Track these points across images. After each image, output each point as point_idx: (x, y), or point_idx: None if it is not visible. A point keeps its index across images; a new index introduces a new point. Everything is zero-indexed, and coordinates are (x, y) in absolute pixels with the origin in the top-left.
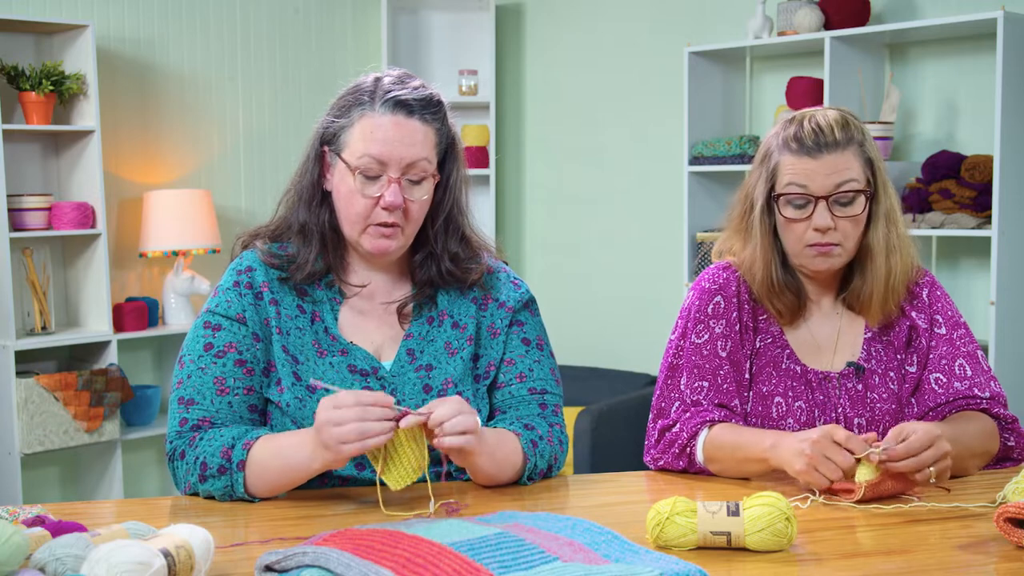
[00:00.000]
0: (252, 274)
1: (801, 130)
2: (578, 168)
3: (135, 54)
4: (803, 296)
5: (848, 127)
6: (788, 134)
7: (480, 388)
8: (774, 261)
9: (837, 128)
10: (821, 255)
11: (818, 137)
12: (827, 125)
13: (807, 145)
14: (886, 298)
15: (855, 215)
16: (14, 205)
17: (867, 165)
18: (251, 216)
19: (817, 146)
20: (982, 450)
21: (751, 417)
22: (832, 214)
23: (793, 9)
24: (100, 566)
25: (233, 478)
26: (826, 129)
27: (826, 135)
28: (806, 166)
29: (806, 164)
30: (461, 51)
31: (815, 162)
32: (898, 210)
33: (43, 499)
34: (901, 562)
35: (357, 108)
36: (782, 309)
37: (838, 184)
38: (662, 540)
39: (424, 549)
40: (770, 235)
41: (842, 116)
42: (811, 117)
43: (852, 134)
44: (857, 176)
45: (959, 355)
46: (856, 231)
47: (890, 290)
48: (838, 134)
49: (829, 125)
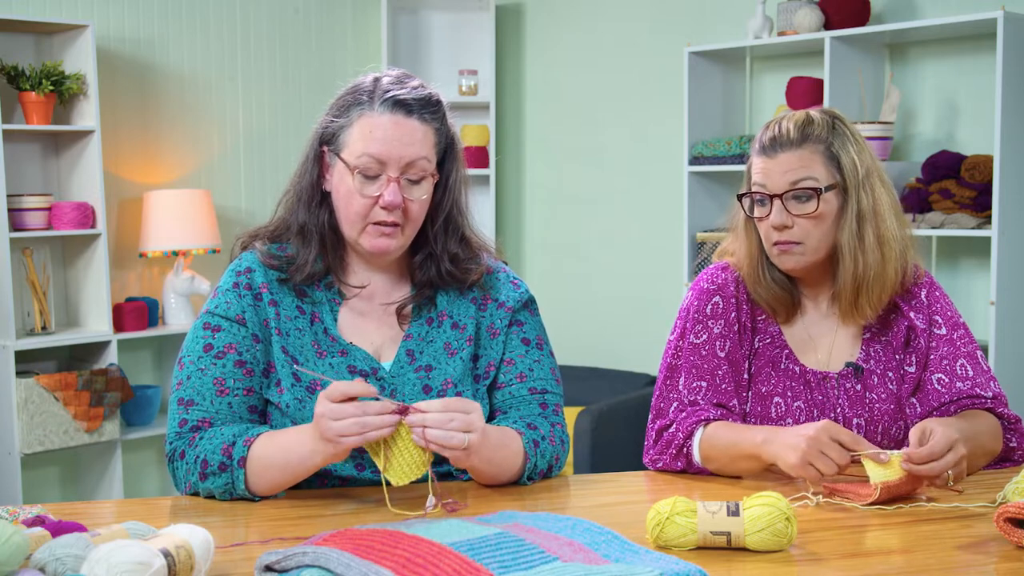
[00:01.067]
0: (251, 275)
1: (766, 132)
2: (578, 168)
3: (135, 54)
4: (796, 294)
5: (810, 126)
6: (757, 136)
7: (480, 388)
8: (760, 259)
9: (795, 128)
10: (783, 252)
11: (776, 137)
12: (787, 126)
13: (766, 145)
14: (858, 297)
15: (810, 213)
16: (14, 205)
17: (832, 164)
18: (251, 216)
19: (773, 145)
20: (990, 449)
21: (750, 417)
22: (788, 212)
23: (793, 9)
24: (100, 566)
25: (234, 475)
26: (784, 129)
27: (783, 135)
28: (765, 165)
29: (765, 163)
30: (461, 51)
31: (772, 161)
32: (888, 209)
33: (43, 499)
34: (901, 562)
35: (356, 108)
36: (775, 305)
37: (792, 182)
38: (662, 540)
39: (424, 549)
40: (755, 233)
41: (808, 116)
42: (781, 119)
43: (812, 132)
44: (817, 175)
45: (960, 355)
46: (819, 229)
47: (864, 290)
48: (794, 133)
49: (788, 126)
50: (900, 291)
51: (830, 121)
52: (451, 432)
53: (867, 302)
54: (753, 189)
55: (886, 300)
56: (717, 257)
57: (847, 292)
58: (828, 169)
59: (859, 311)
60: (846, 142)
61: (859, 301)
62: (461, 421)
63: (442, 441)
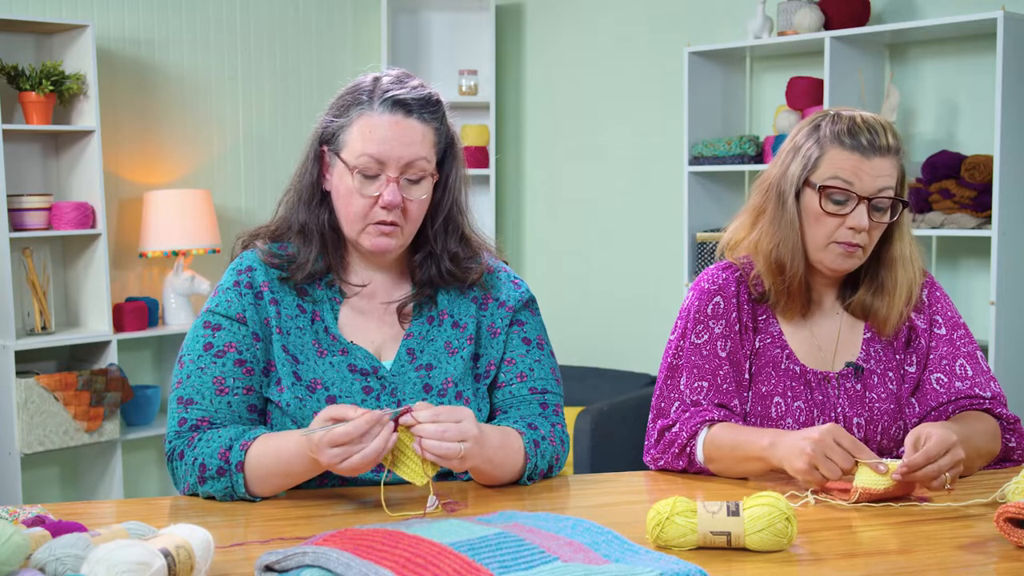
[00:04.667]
0: (252, 274)
1: (855, 127)
2: (578, 168)
3: (135, 54)
4: (813, 291)
5: (897, 136)
6: (840, 128)
7: (480, 388)
8: (800, 251)
9: (890, 134)
10: (846, 254)
11: (874, 138)
12: (881, 129)
13: (862, 144)
14: (908, 305)
15: (885, 222)
16: (14, 205)
17: (901, 175)
18: (251, 216)
19: (872, 147)
20: (987, 450)
21: (750, 417)
22: (869, 217)
23: (793, 9)
24: (100, 566)
25: (233, 479)
26: (880, 132)
27: (880, 138)
28: (857, 164)
29: (857, 162)
30: (461, 51)
31: (867, 162)
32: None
33: (43, 499)
34: (901, 562)
35: (356, 108)
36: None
37: (880, 188)
38: (662, 540)
39: (424, 549)
40: (799, 225)
41: (891, 124)
42: (862, 117)
43: (899, 144)
44: (895, 185)
45: (959, 355)
46: (876, 238)
47: (909, 300)
48: (891, 140)
49: (883, 129)
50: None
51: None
52: (446, 444)
53: (908, 308)
54: (834, 183)
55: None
56: (724, 246)
57: (898, 302)
58: (899, 180)
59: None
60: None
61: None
62: (454, 431)
63: (438, 452)
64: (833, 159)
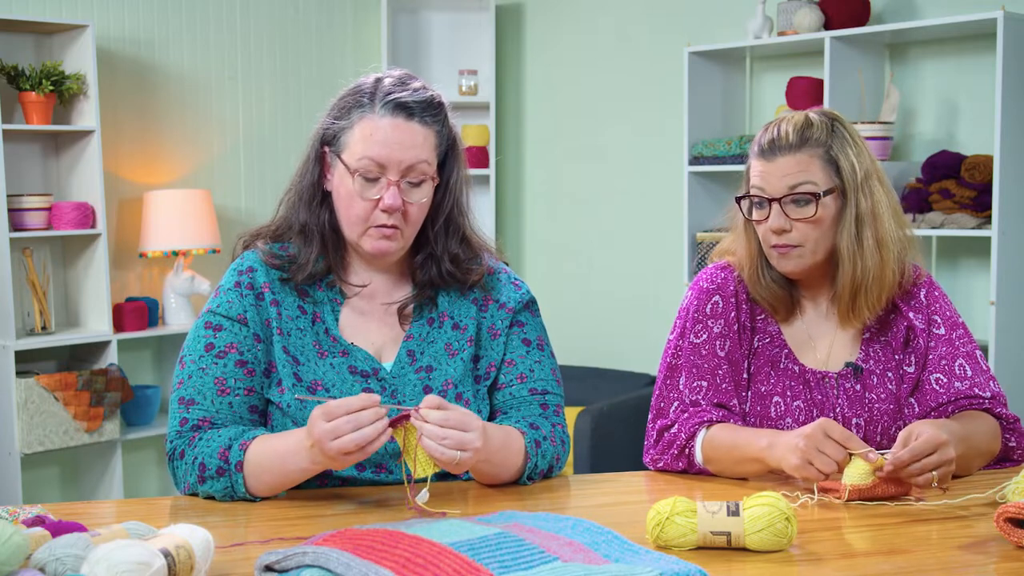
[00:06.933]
0: (253, 274)
1: (764, 134)
2: (578, 168)
3: (135, 54)
4: (795, 294)
5: (809, 129)
6: (757, 138)
7: (481, 389)
8: (760, 259)
9: (794, 131)
10: (781, 256)
11: (774, 140)
12: (785, 129)
13: (764, 148)
14: (856, 300)
15: (808, 217)
16: (14, 205)
17: (831, 167)
18: (251, 216)
19: (772, 149)
20: (987, 450)
21: (749, 417)
22: (787, 216)
23: (793, 9)
24: (100, 566)
25: (233, 479)
26: (783, 133)
27: (781, 138)
28: (763, 168)
29: (763, 166)
30: (461, 51)
31: (770, 164)
32: (886, 211)
33: (43, 499)
34: (901, 562)
35: (357, 110)
36: (775, 304)
37: (791, 186)
38: (662, 540)
39: (424, 549)
40: (755, 234)
41: (807, 119)
42: (780, 121)
43: (811, 135)
44: (815, 179)
45: (959, 355)
46: (818, 232)
47: (863, 292)
48: (792, 137)
49: (787, 129)
50: (899, 291)
51: (829, 123)
52: (444, 450)
53: (865, 304)
54: (751, 192)
55: (884, 302)
56: (716, 256)
57: (845, 295)
58: (827, 173)
59: (857, 313)
60: (845, 145)
61: (857, 304)
62: (455, 440)
63: (434, 454)
64: (752, 169)
